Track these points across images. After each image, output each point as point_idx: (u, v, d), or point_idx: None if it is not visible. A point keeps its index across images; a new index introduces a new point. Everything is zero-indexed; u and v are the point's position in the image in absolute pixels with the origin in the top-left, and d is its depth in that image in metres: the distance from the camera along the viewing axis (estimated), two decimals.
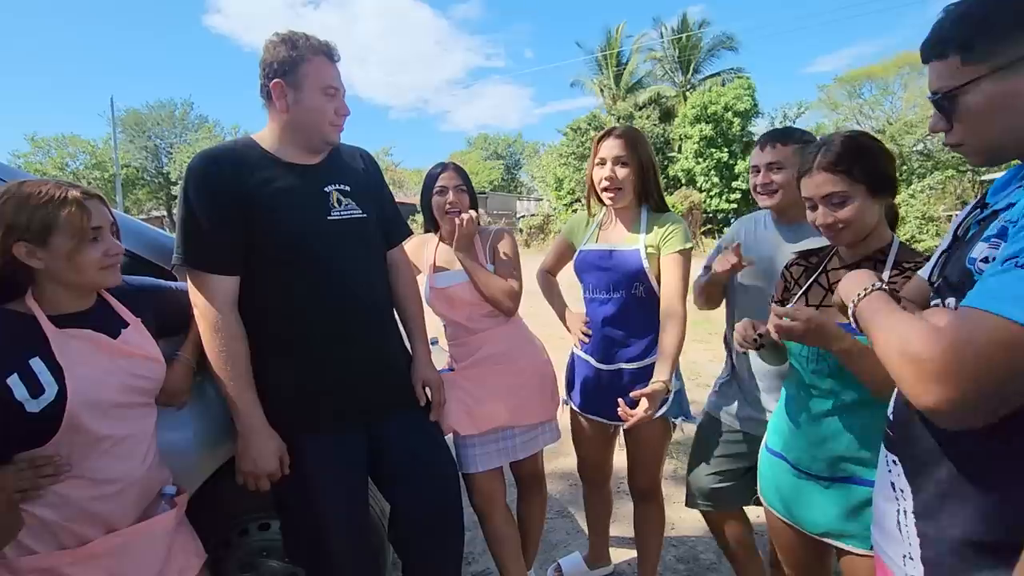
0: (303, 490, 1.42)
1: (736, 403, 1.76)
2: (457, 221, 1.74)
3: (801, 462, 1.31)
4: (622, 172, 1.75)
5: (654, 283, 1.76)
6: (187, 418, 1.40)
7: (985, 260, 0.75)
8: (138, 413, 1.19)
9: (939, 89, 0.82)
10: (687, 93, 25.40)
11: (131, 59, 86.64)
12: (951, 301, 0.82)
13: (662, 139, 23.52)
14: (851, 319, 0.92)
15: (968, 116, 0.80)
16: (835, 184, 1.20)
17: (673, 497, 2.83)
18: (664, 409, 1.73)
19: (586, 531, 2.38)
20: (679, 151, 22.84)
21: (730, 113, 21.62)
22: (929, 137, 22.15)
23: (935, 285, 0.90)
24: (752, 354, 1.68)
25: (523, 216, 28.19)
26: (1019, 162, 0.83)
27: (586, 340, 1.91)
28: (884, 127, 22.76)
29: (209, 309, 1.32)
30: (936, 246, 0.96)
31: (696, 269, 1.87)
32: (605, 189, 1.78)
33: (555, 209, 25.32)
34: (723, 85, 23.62)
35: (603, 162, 1.79)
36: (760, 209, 1.79)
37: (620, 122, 24.08)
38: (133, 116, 34.57)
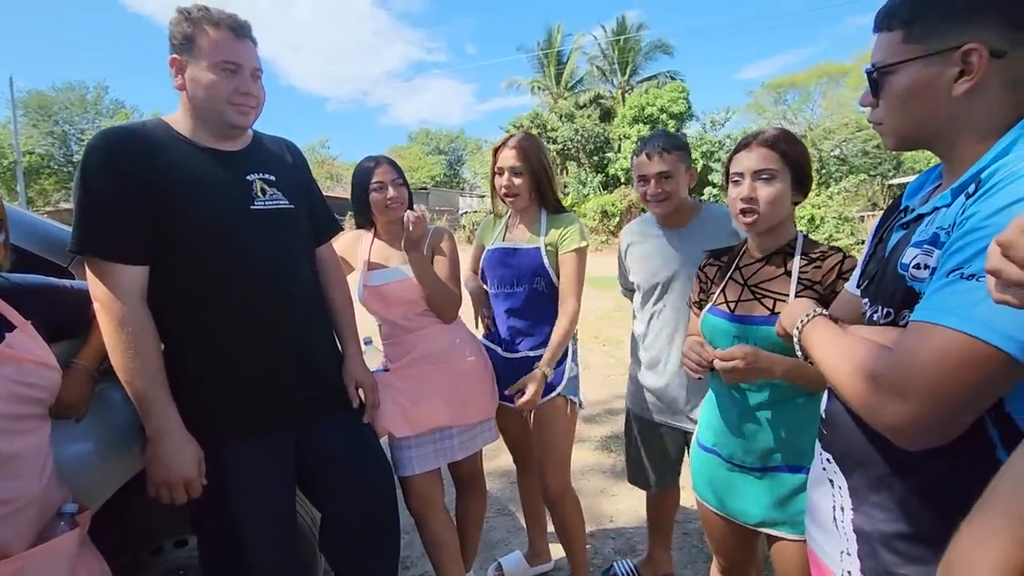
0: (222, 503, 1.32)
1: (645, 396, 1.95)
2: (407, 218, 1.68)
3: (734, 456, 1.35)
4: (517, 181, 1.86)
5: (553, 277, 1.88)
6: (88, 429, 1.27)
7: (918, 267, 0.75)
8: (30, 426, 1.06)
9: (877, 63, 0.81)
10: (626, 94, 26.07)
11: (35, 36, 79.22)
12: (887, 311, 0.82)
13: (602, 138, 24.03)
14: (796, 346, 0.93)
15: (891, 96, 0.80)
16: (770, 161, 1.26)
17: (610, 490, 2.90)
18: (559, 390, 1.87)
19: (526, 528, 2.38)
20: (619, 150, 23.41)
21: (665, 115, 22.40)
22: (845, 142, 23.81)
23: (863, 290, 0.92)
24: (658, 352, 1.89)
25: (466, 212, 28.06)
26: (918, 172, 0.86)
27: (491, 329, 2.05)
28: (806, 132, 24.23)
29: (113, 302, 1.20)
30: (849, 244, 0.99)
31: (613, 265, 2.12)
32: (504, 195, 1.91)
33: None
34: (659, 88, 24.41)
35: (501, 172, 1.90)
36: (643, 213, 2.00)
37: (562, 121, 24.41)
38: (37, 98, 31.56)
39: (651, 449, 2.00)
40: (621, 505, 2.74)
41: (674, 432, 1.92)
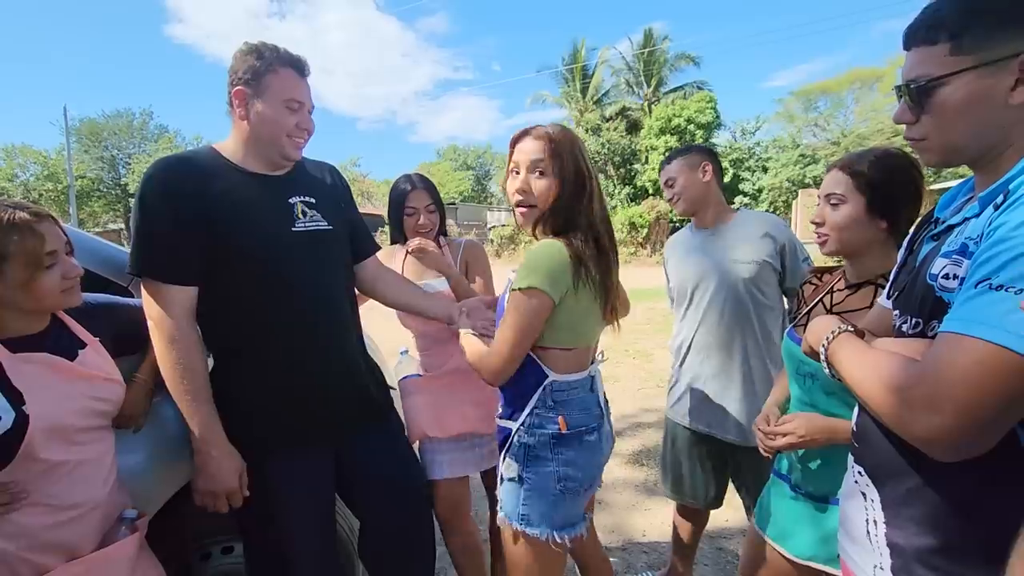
0: (267, 513, 1.38)
1: (686, 405, 1.91)
2: (409, 247, 1.80)
3: (802, 483, 1.29)
4: (539, 183, 1.31)
5: None
6: (144, 439, 1.35)
7: (947, 276, 0.75)
8: (98, 436, 1.15)
9: (919, 76, 0.78)
10: (652, 106, 26.00)
11: (87, 68, 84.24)
12: (917, 322, 0.82)
13: (629, 151, 23.99)
14: (824, 364, 0.92)
15: (941, 110, 0.77)
16: (838, 184, 1.22)
17: (642, 505, 2.87)
18: (499, 506, 1.38)
19: None
20: (646, 162, 23.32)
21: (693, 125, 22.24)
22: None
23: (894, 300, 0.92)
24: (696, 358, 1.87)
25: (494, 226, 28.26)
26: (961, 176, 0.85)
27: None
28: (839, 139, 23.69)
29: (165, 319, 1.28)
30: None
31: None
32: (517, 205, 1.37)
33: None
34: (686, 98, 24.27)
35: (516, 170, 1.39)
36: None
37: (589, 133, 24.43)
38: (89, 126, 33.36)
39: (689, 458, 1.96)
40: (654, 520, 2.72)
41: (714, 442, 1.87)
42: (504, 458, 1.36)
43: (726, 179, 22.80)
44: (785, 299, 1.83)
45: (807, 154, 22.67)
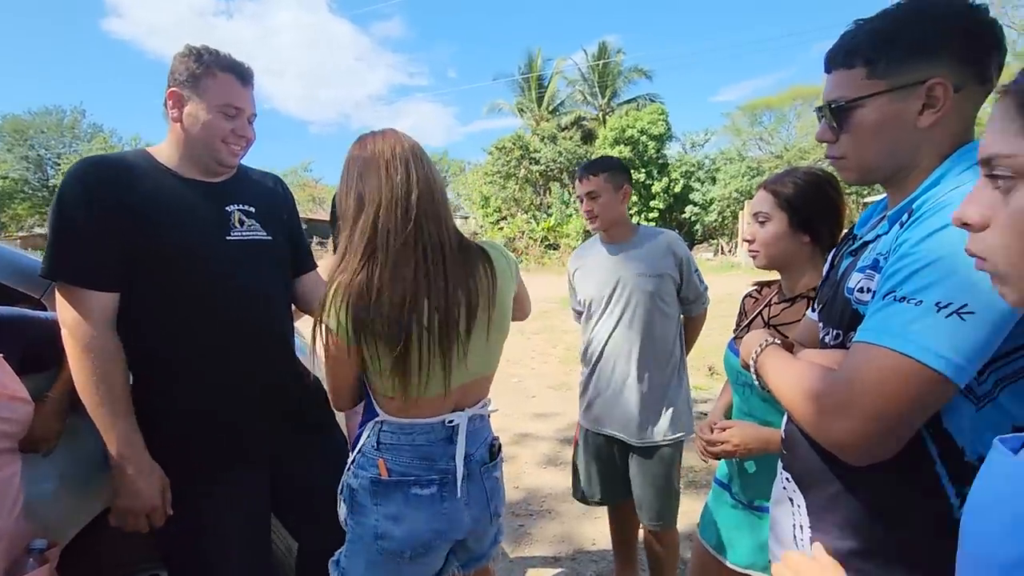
0: (197, 537, 1.30)
1: (594, 409, 2.02)
2: None
3: (740, 492, 1.34)
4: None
5: None
6: (56, 463, 1.25)
7: (862, 290, 0.80)
8: (1, 460, 1.06)
9: (838, 98, 0.83)
10: (607, 116, 26.59)
11: (14, 61, 78.83)
12: (837, 333, 0.87)
13: (585, 159, 24.37)
14: (753, 375, 0.96)
15: (857, 130, 0.82)
16: (763, 204, 1.30)
17: (592, 513, 2.89)
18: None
19: (509, 555, 2.37)
20: None
21: (645, 137, 22.84)
22: (820, 162, 24.44)
23: (819, 313, 0.97)
24: (607, 365, 1.96)
25: None
26: (885, 194, 0.89)
27: None
28: (782, 152, 24.85)
29: (81, 327, 1.19)
30: None
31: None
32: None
33: (482, 227, 25.49)
34: (639, 110, 24.94)
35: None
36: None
37: (545, 142, 24.74)
38: (13, 122, 31.19)
39: (599, 461, 2.05)
40: (604, 528, 2.72)
41: (620, 444, 1.98)
42: (339, 500, 1.24)
43: (677, 189, 23.53)
44: (681, 305, 1.98)
45: (753, 166, 23.65)
